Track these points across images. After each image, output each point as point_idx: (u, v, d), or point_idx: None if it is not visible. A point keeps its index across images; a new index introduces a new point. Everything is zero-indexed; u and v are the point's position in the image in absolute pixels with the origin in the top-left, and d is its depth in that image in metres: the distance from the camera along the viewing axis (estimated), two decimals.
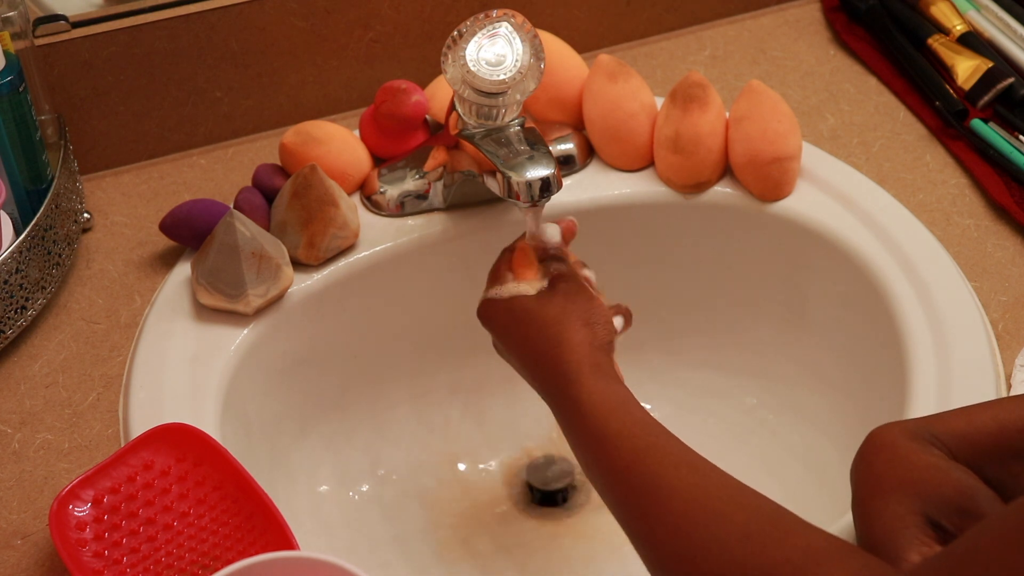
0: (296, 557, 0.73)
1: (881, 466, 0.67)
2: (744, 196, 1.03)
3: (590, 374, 0.79)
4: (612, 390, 0.78)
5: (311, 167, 0.97)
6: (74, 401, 0.92)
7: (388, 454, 1.07)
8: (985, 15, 1.16)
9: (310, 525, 0.99)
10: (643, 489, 0.71)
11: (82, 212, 1.03)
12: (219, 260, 0.93)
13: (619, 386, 0.79)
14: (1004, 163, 1.04)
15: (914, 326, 0.93)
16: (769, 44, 1.19)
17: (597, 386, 0.78)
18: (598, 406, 0.77)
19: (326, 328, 1.01)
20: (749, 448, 1.07)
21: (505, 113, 0.91)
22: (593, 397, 0.77)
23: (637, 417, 0.76)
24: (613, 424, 0.75)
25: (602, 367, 0.80)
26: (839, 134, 1.10)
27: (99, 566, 0.81)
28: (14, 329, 0.95)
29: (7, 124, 0.95)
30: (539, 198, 0.88)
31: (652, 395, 1.11)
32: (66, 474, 0.88)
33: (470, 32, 0.89)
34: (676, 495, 0.69)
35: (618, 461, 0.73)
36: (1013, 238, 1.01)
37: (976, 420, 0.68)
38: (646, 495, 0.70)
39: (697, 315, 1.10)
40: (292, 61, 1.10)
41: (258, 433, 0.97)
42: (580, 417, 0.77)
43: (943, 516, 0.64)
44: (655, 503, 0.69)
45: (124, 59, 1.05)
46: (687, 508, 0.68)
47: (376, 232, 1.01)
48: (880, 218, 1.01)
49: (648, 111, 1.04)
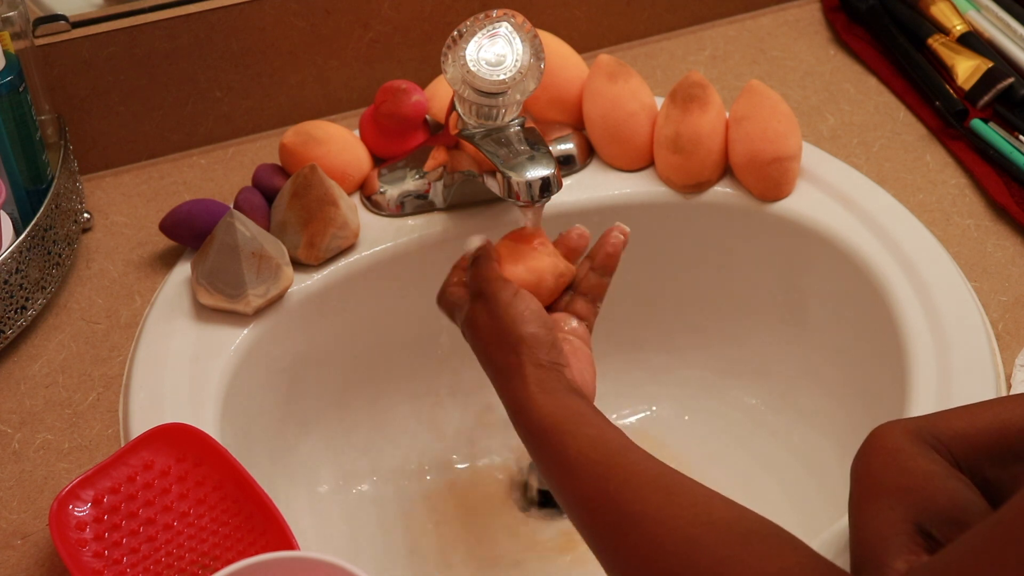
0: (296, 557, 0.73)
1: (879, 468, 0.67)
2: (744, 196, 1.03)
3: (538, 394, 0.77)
4: (563, 407, 0.76)
5: (311, 167, 0.97)
6: (74, 401, 0.92)
7: (388, 454, 1.07)
8: (985, 15, 1.16)
9: (310, 525, 0.99)
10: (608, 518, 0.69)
11: (82, 212, 1.03)
12: (219, 260, 0.93)
13: (571, 399, 0.77)
14: (1004, 163, 1.04)
15: (914, 326, 0.93)
16: (769, 44, 1.19)
17: (546, 408, 0.76)
18: (551, 430, 0.74)
19: (326, 328, 1.01)
20: (749, 448, 1.07)
21: (505, 113, 0.91)
22: (545, 421, 0.75)
23: (593, 435, 0.73)
24: (571, 447, 0.73)
25: (547, 385, 0.77)
26: (839, 134, 1.10)
27: (99, 566, 0.81)
28: (14, 329, 0.95)
29: (7, 124, 0.95)
30: (539, 198, 0.88)
31: (652, 395, 1.11)
32: (66, 474, 0.88)
33: (470, 32, 0.89)
34: (642, 523, 0.67)
35: (580, 489, 0.71)
36: (1013, 238, 1.01)
37: (978, 420, 0.68)
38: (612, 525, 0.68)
39: (697, 315, 1.10)
40: (292, 61, 1.10)
41: (258, 433, 0.97)
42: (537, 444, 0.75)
43: (935, 526, 0.64)
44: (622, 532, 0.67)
45: (124, 59, 1.05)
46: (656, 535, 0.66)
47: (376, 232, 1.01)
48: (880, 218, 1.01)
49: (648, 111, 1.04)
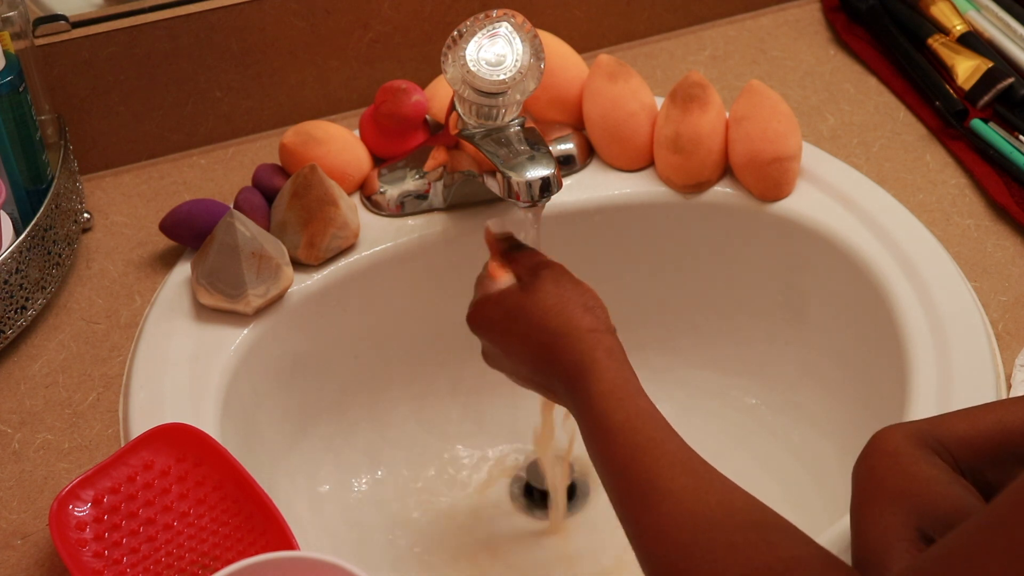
0: (296, 557, 0.73)
1: (881, 472, 0.67)
2: (744, 196, 1.03)
3: (605, 359, 0.78)
4: (624, 377, 0.77)
5: (311, 167, 0.97)
6: (74, 401, 0.92)
7: (388, 454, 1.07)
8: (985, 15, 1.16)
9: (310, 525, 0.99)
10: (637, 488, 0.70)
11: (82, 212, 1.03)
12: (219, 260, 0.93)
13: (631, 372, 0.78)
14: (1004, 163, 1.04)
15: (914, 326, 0.93)
16: (769, 44, 1.19)
17: (610, 372, 0.77)
18: (608, 395, 0.76)
19: (326, 328, 1.01)
20: (749, 448, 1.07)
21: (505, 113, 0.91)
22: (605, 385, 0.76)
23: (642, 408, 0.75)
24: (619, 415, 0.74)
25: (614, 351, 0.79)
26: (839, 134, 1.10)
27: (99, 566, 0.81)
28: (14, 329, 0.95)
29: (7, 124, 0.95)
30: (539, 198, 0.88)
31: (652, 395, 1.10)
32: (66, 474, 0.88)
33: (470, 32, 0.89)
34: (668, 498, 0.68)
35: (618, 455, 0.73)
36: (1013, 238, 1.01)
37: (979, 423, 0.68)
38: (640, 495, 0.70)
39: (697, 315, 1.10)
40: (292, 61, 1.10)
41: (258, 433, 0.97)
42: (590, 407, 0.76)
43: (937, 532, 0.64)
44: (646, 505, 0.69)
45: (124, 59, 1.05)
46: (677, 512, 0.67)
47: (376, 232, 1.01)
48: (880, 218, 1.01)
49: (648, 111, 1.04)
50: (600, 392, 0.76)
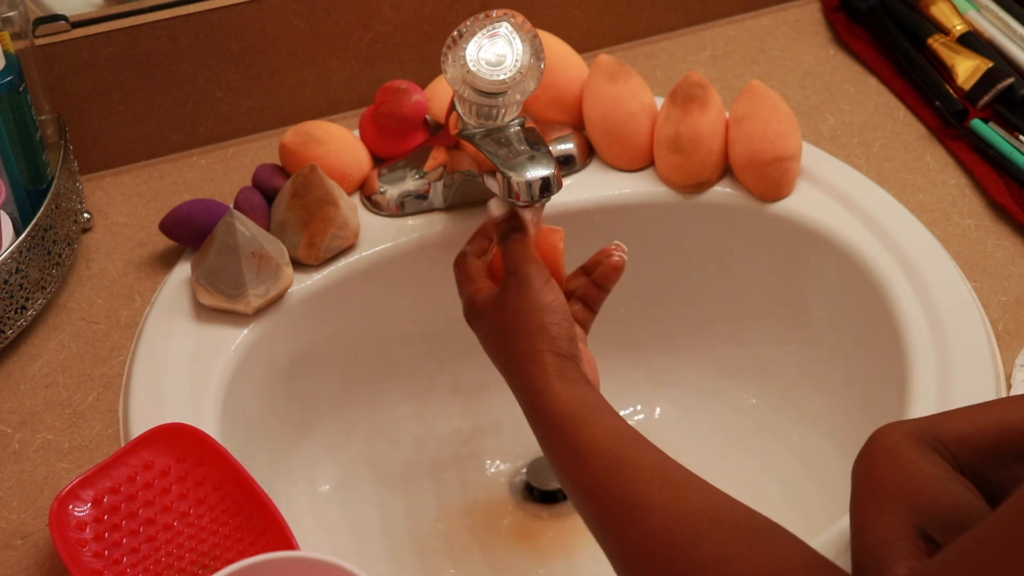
0: (296, 557, 0.73)
1: (881, 471, 0.66)
2: (744, 196, 1.03)
3: (555, 380, 0.77)
4: (580, 396, 0.76)
5: (311, 167, 0.97)
6: (74, 401, 0.92)
7: (388, 454, 1.07)
8: (985, 15, 1.16)
9: (310, 525, 0.99)
10: (617, 508, 0.69)
11: (82, 212, 1.03)
12: (219, 260, 0.93)
13: (588, 390, 0.77)
14: (1004, 163, 1.04)
15: (914, 326, 0.93)
16: (769, 44, 1.19)
17: (563, 395, 0.76)
18: (567, 416, 0.75)
19: (326, 328, 1.01)
20: (749, 448, 1.07)
21: (505, 113, 0.91)
22: (561, 407, 0.75)
23: (608, 425, 0.74)
24: (584, 436, 0.73)
25: (567, 373, 0.78)
26: (839, 134, 1.10)
27: (99, 566, 0.81)
28: (14, 329, 0.95)
29: (7, 124, 0.95)
30: (539, 198, 0.88)
31: (652, 395, 1.11)
32: (66, 474, 0.88)
33: (470, 32, 0.89)
34: (651, 514, 0.67)
35: (590, 477, 0.71)
36: (1013, 238, 1.01)
37: (979, 422, 0.68)
38: (620, 514, 0.69)
39: (697, 315, 1.10)
40: (292, 61, 1.10)
41: (258, 433, 0.97)
42: (551, 430, 0.75)
43: (936, 530, 0.64)
44: (630, 523, 0.68)
45: (124, 59, 1.05)
46: (663, 528, 0.66)
47: (376, 232, 1.01)
48: (880, 218, 1.01)
49: (648, 111, 1.04)
50: (558, 414, 0.75)
